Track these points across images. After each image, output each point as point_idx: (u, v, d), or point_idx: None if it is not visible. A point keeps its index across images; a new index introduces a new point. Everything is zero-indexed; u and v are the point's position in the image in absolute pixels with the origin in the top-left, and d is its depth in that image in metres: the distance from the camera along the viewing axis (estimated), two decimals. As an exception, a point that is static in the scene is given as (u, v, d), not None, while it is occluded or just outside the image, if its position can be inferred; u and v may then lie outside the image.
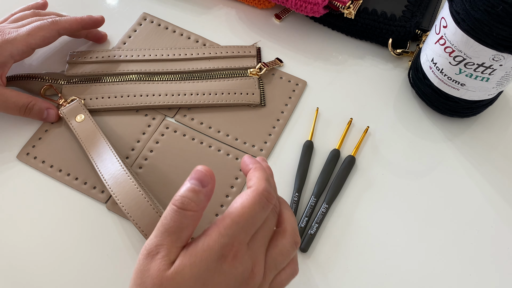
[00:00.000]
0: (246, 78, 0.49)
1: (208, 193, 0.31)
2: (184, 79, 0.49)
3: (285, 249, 0.32)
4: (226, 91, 0.48)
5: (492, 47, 0.38)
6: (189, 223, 0.30)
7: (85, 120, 0.45)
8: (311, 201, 0.43)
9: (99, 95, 0.47)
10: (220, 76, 0.49)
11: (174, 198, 0.30)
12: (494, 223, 0.43)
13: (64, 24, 0.47)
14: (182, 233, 0.30)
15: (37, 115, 0.45)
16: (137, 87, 0.48)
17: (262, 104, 0.48)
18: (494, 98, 0.46)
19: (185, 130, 0.46)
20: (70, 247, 0.41)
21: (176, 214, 0.30)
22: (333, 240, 0.42)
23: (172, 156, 0.45)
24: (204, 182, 0.30)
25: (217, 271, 0.29)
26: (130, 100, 0.47)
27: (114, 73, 0.49)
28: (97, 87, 0.48)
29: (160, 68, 0.49)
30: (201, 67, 0.50)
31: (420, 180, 0.45)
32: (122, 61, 0.50)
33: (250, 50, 0.51)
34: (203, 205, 0.30)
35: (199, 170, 0.31)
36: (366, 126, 0.47)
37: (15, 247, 0.41)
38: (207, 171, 0.31)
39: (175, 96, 0.48)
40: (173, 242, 0.29)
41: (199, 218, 0.30)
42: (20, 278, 0.39)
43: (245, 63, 0.50)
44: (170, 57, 0.50)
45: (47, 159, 0.44)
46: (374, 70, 0.51)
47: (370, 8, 0.51)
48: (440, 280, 0.40)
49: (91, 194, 0.43)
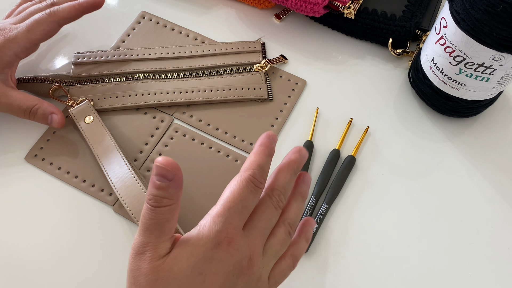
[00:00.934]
0: (252, 73, 0.49)
1: (176, 184, 0.30)
2: (190, 76, 0.49)
3: (281, 237, 0.33)
4: (233, 86, 0.48)
5: (492, 47, 0.38)
6: (167, 217, 0.30)
7: (94, 121, 0.45)
8: (311, 201, 0.43)
9: (106, 95, 0.47)
10: (226, 72, 0.49)
11: (147, 196, 0.30)
12: (494, 223, 0.43)
13: (62, 13, 0.46)
14: (163, 228, 0.30)
15: (41, 119, 0.45)
16: (144, 86, 0.48)
17: (269, 98, 0.48)
18: (494, 98, 0.46)
19: (194, 134, 0.46)
20: (77, 249, 0.41)
21: (152, 212, 0.30)
22: (333, 240, 0.42)
23: (180, 160, 0.45)
24: (168, 176, 0.30)
25: (214, 259, 0.29)
26: (138, 99, 0.47)
27: (120, 73, 0.49)
28: (104, 87, 0.48)
29: (166, 66, 0.49)
30: (207, 64, 0.50)
31: (420, 180, 0.45)
32: (128, 60, 0.49)
33: (255, 46, 0.51)
34: (176, 196, 0.30)
35: (159, 166, 0.30)
36: (366, 126, 0.47)
37: (22, 248, 0.41)
38: (167, 165, 0.30)
39: (182, 94, 0.48)
40: (157, 237, 0.30)
41: (176, 209, 0.31)
42: (26, 278, 0.39)
43: (251, 59, 0.50)
44: (175, 55, 0.50)
45: (55, 161, 0.44)
46: (374, 70, 0.51)
47: (370, 8, 0.51)
48: (440, 280, 0.40)
49: (99, 196, 0.43)
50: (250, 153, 0.33)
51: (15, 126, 0.46)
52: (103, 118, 0.46)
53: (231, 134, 0.46)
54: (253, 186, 0.31)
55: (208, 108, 0.48)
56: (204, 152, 0.45)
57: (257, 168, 0.32)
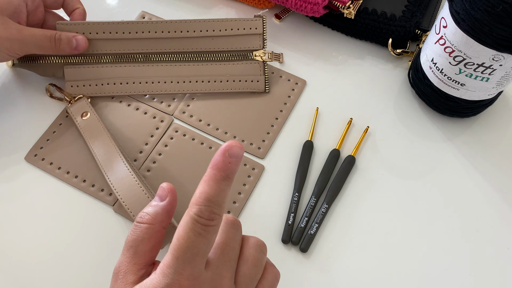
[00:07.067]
0: (250, 62, 0.48)
1: (166, 207, 0.31)
2: (184, 60, 0.48)
3: (254, 259, 0.30)
4: (231, 78, 0.47)
5: (492, 47, 0.38)
6: (144, 236, 0.30)
7: (90, 117, 0.45)
8: (311, 201, 0.43)
9: (98, 81, 0.47)
10: (223, 58, 0.48)
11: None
12: (494, 223, 0.43)
13: None
14: (138, 247, 0.30)
15: (67, 44, 0.44)
16: (137, 70, 0.47)
17: (266, 91, 0.48)
18: (494, 98, 0.46)
19: (194, 134, 0.46)
20: (77, 249, 0.41)
21: (133, 228, 0.30)
22: (333, 240, 0.42)
23: (181, 159, 0.45)
24: (162, 197, 0.31)
25: None
26: (132, 88, 0.47)
27: (112, 53, 0.47)
28: (97, 70, 0.47)
29: (159, 48, 0.47)
30: (202, 47, 0.48)
31: (420, 180, 0.45)
32: (119, 39, 0.47)
33: (256, 26, 0.48)
34: (159, 219, 0.31)
35: (161, 186, 0.32)
36: (366, 126, 0.47)
37: (22, 248, 0.41)
38: (166, 187, 0.32)
39: (180, 84, 0.47)
40: (131, 258, 0.30)
41: (157, 232, 0.30)
42: (26, 278, 0.39)
43: (250, 44, 0.48)
44: (170, 34, 0.47)
45: (55, 160, 0.44)
46: (374, 70, 0.51)
47: (370, 8, 0.51)
48: (440, 280, 0.40)
49: (99, 196, 0.43)
50: (201, 179, 0.28)
51: (15, 126, 0.46)
52: (101, 116, 0.46)
53: (231, 134, 0.46)
54: (200, 227, 0.27)
55: (208, 107, 0.48)
56: (204, 152, 0.45)
57: (203, 203, 0.27)
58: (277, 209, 0.43)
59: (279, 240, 0.42)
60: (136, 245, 0.30)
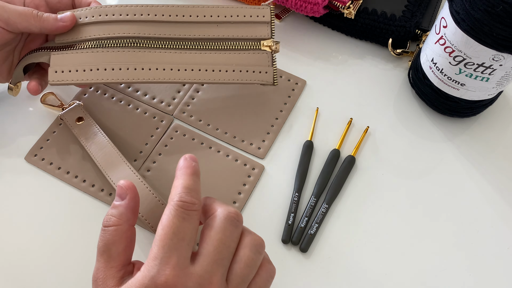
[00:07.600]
0: (258, 52, 0.45)
1: (128, 205, 0.31)
2: (185, 48, 0.44)
3: (248, 259, 0.29)
4: (237, 67, 0.44)
5: (492, 47, 0.38)
6: (114, 238, 0.30)
7: (85, 122, 0.45)
8: (311, 201, 0.43)
9: (87, 67, 0.42)
10: (229, 47, 0.44)
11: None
12: (494, 223, 0.43)
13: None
14: (111, 251, 0.30)
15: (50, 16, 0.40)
16: (132, 56, 0.42)
17: (275, 84, 0.45)
18: (494, 98, 0.46)
19: (194, 134, 0.46)
20: (77, 249, 0.41)
21: (102, 233, 0.30)
22: (333, 240, 0.42)
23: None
24: (122, 195, 0.31)
25: None
26: (126, 75, 0.42)
27: (106, 37, 0.42)
28: (88, 56, 0.42)
29: (156, 32, 0.43)
30: (205, 34, 0.44)
31: (420, 180, 0.45)
32: (114, 21, 0.43)
33: (263, 14, 0.45)
34: (125, 218, 0.30)
35: (118, 185, 0.31)
36: (366, 126, 0.47)
37: (22, 248, 0.41)
38: (124, 185, 0.31)
39: (181, 72, 0.43)
40: (106, 262, 0.29)
41: (126, 232, 0.30)
42: (26, 278, 0.39)
43: (257, 32, 0.45)
44: (171, 18, 0.43)
45: (54, 160, 0.44)
46: (374, 70, 0.51)
47: (370, 8, 0.51)
48: (440, 280, 0.40)
49: (99, 196, 0.43)
50: (174, 181, 0.30)
51: (15, 126, 0.46)
52: (101, 116, 0.46)
53: (230, 134, 0.46)
54: (183, 211, 0.28)
55: (208, 107, 0.48)
56: (204, 152, 0.45)
57: (183, 191, 0.29)
58: (277, 209, 0.43)
59: (279, 240, 0.42)
60: (109, 249, 0.29)
